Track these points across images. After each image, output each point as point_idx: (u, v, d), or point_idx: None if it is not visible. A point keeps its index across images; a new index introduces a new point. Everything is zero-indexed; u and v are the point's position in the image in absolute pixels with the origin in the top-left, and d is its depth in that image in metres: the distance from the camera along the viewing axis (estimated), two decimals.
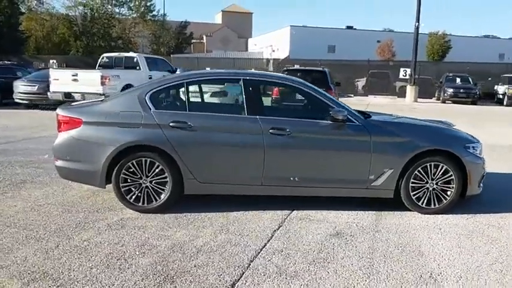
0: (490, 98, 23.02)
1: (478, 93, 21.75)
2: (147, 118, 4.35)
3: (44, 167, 6.42)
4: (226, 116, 4.56)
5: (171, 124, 4.33)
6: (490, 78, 24.80)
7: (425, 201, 4.52)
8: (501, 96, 21.87)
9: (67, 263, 3.31)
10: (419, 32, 25.52)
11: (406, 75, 24.06)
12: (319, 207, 4.65)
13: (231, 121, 4.46)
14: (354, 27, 50.68)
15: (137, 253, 3.52)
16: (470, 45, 42.50)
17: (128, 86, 12.49)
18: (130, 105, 4.45)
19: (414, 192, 4.50)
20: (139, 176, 4.38)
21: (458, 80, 22.59)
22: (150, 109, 4.40)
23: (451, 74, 23.35)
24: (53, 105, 14.40)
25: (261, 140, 4.33)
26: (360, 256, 3.54)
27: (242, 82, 4.54)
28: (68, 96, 12.08)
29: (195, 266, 3.31)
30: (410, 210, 4.59)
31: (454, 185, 4.47)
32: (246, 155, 4.39)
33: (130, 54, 14.48)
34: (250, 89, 4.52)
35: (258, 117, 4.39)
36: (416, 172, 4.45)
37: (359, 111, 4.77)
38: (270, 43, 51.30)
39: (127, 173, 4.37)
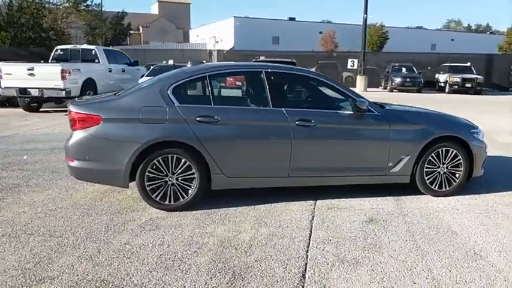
0: (431, 86, 24.60)
1: (422, 81, 23.21)
2: (172, 113, 4.21)
3: (29, 168, 5.98)
4: (253, 109, 4.55)
5: (197, 119, 4.23)
6: (429, 68, 26.53)
7: (437, 184, 4.81)
8: (443, 84, 23.53)
9: (122, 269, 3.15)
10: (360, 23, 26.57)
11: (353, 66, 25.01)
12: (339, 196, 4.79)
13: (257, 114, 4.46)
14: (296, 19, 51.61)
15: (189, 252, 3.43)
16: (405, 36, 45.05)
17: (89, 81, 11.89)
18: (153, 100, 4.28)
19: (428, 177, 4.78)
20: (165, 173, 4.24)
21: (403, 69, 23.94)
22: (174, 104, 4.26)
23: (397, 64, 24.65)
24: (1, 102, 13.33)
25: (288, 132, 4.36)
26: (403, 239, 3.72)
27: (264, 74, 4.53)
28: (23, 92, 11.19)
29: (256, 261, 3.29)
30: (422, 194, 4.86)
31: (462, 168, 4.81)
32: (274, 147, 4.41)
33: (88, 46, 13.67)
34: (273, 81, 4.52)
35: (283, 109, 4.42)
36: (429, 158, 4.73)
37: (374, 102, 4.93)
38: (213, 34, 50.85)
39: (152, 170, 4.21)
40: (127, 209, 4.40)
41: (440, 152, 4.73)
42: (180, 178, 4.27)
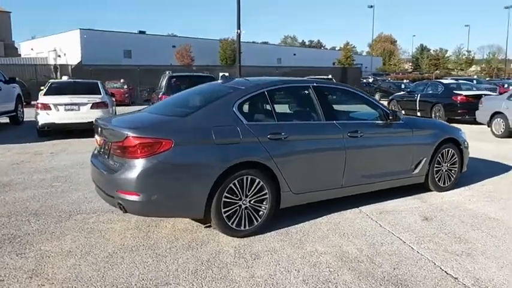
0: None
1: None
2: (244, 132, 3.95)
3: (3, 214, 4.72)
4: (311, 124, 4.56)
5: (269, 136, 4.06)
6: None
7: (442, 181, 5.55)
8: None
9: None
10: (213, 38, 27.52)
11: None
12: (372, 202, 5.08)
13: (317, 128, 4.50)
14: (146, 32, 50.39)
15: (326, 273, 3.32)
16: (255, 51, 48.16)
17: None
18: (221, 119, 3.95)
19: (436, 175, 5.48)
20: (239, 197, 3.95)
21: None
22: (242, 122, 4.01)
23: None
24: None
25: (342, 143, 4.52)
26: (471, 230, 4.25)
27: (312, 89, 4.61)
28: None
29: (394, 269, 3.39)
30: (429, 191, 5.53)
31: (457, 165, 5.65)
32: (332, 159, 4.51)
33: None
34: (321, 95, 4.63)
35: (334, 122, 4.56)
36: (438, 158, 5.43)
37: None
38: (54, 47, 46.08)
39: (228, 195, 3.88)
40: (194, 242, 3.93)
41: (444, 152, 5.48)
42: (252, 200, 4.02)
